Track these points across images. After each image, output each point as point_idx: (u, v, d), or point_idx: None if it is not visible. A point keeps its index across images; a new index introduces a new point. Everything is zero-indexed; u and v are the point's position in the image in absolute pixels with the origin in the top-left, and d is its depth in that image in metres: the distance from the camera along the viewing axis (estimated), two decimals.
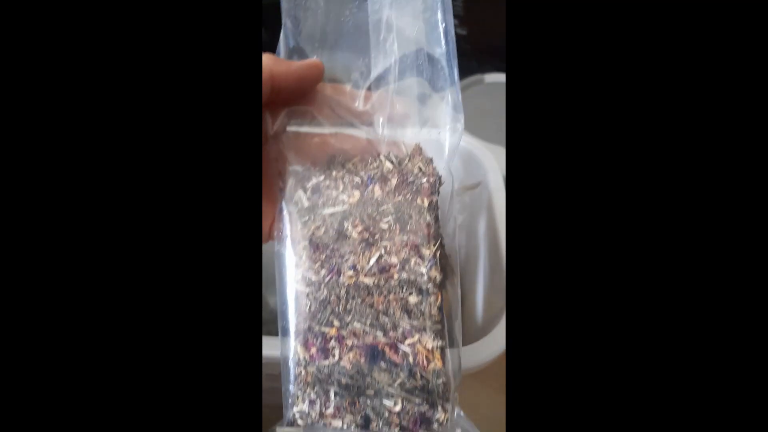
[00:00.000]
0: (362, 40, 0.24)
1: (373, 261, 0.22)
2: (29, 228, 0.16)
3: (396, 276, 0.21)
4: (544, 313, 0.17)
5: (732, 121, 0.16)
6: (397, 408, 0.21)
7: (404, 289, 0.22)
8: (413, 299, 0.22)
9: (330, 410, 0.21)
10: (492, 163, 0.36)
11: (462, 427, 0.22)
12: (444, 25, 0.23)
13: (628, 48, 0.17)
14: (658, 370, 0.16)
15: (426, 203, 0.22)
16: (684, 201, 0.16)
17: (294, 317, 0.22)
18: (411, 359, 0.21)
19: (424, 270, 0.21)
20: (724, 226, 0.16)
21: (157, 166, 0.17)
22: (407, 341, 0.21)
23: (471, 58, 0.22)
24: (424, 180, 0.22)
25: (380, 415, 0.21)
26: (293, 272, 0.23)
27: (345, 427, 0.21)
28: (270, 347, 0.25)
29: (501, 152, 0.42)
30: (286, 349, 0.22)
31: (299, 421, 0.22)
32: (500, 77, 0.54)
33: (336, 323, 0.22)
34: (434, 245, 0.22)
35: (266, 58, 0.22)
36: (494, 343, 0.27)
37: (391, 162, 0.23)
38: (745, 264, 0.16)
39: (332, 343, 0.22)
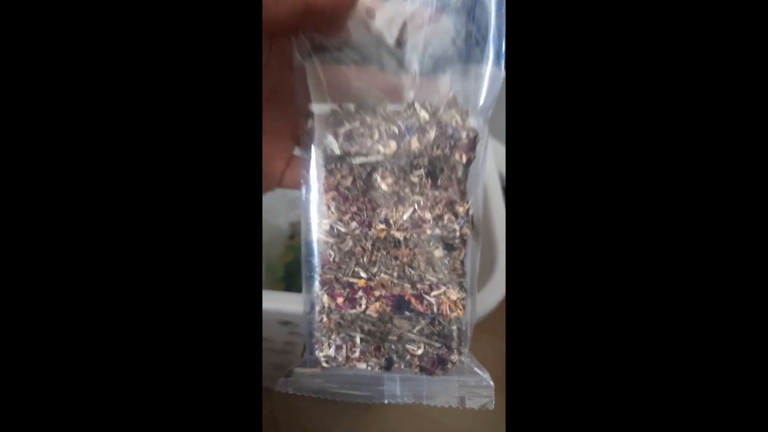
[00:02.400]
0: None
1: (407, 216, 0.21)
2: (19, 216, 0.16)
3: (429, 232, 0.22)
4: (543, 261, 0.17)
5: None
6: (419, 352, 0.22)
7: (431, 244, 0.22)
8: (438, 253, 0.22)
9: (356, 354, 0.22)
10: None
11: (470, 364, 0.24)
12: None
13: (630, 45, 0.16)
14: (654, 324, 0.17)
15: (464, 159, 0.21)
16: (679, 193, 0.16)
17: (318, 267, 0.22)
18: (435, 308, 0.22)
19: (456, 227, 0.22)
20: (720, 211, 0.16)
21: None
22: (433, 293, 0.22)
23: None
24: (464, 134, 0.21)
25: (402, 357, 0.22)
26: (319, 222, 0.22)
27: (369, 369, 0.22)
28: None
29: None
30: (310, 297, 0.22)
31: (324, 365, 0.22)
32: None
33: (363, 275, 0.22)
34: (467, 203, 0.22)
35: None
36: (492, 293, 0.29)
37: (426, 110, 0.22)
38: (741, 256, 0.16)
39: (359, 293, 0.22)
